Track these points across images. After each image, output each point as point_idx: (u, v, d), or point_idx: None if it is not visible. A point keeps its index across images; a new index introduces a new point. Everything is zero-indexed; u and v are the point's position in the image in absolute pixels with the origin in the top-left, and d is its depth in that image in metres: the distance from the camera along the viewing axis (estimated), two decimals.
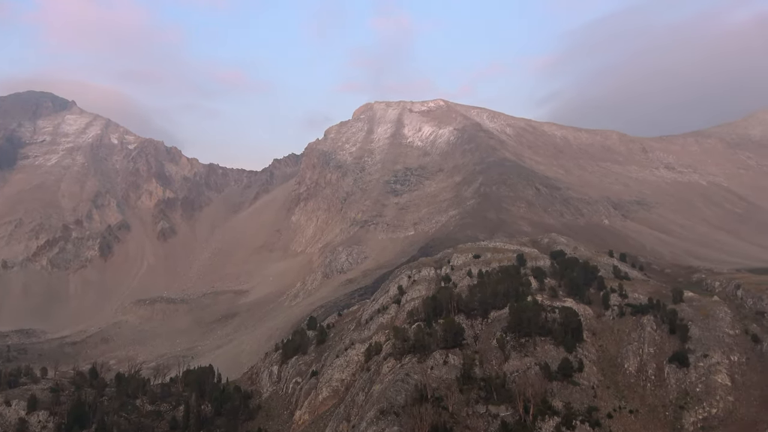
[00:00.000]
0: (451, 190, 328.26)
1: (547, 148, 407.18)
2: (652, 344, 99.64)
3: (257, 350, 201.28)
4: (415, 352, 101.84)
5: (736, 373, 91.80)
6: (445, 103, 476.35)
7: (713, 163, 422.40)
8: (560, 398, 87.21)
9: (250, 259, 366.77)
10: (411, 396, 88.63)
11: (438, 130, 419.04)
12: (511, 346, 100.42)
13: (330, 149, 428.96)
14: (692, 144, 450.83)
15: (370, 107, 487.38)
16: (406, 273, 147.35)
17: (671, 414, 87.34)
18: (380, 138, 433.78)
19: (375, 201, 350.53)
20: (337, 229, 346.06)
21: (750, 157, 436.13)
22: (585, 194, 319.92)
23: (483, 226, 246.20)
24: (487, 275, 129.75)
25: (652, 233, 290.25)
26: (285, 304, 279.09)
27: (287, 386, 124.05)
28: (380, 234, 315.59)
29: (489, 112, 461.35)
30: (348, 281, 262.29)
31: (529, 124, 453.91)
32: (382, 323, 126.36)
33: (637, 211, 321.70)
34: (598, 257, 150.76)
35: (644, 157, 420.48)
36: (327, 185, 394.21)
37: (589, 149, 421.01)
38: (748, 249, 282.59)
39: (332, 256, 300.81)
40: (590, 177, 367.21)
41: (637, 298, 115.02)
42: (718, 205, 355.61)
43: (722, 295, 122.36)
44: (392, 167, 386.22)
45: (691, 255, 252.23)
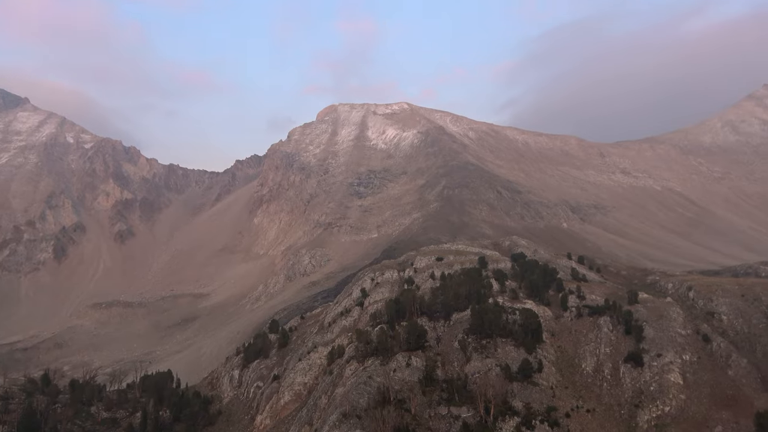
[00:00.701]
0: (415, 193, 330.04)
1: (508, 152, 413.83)
2: (608, 344, 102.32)
3: (218, 354, 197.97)
4: (378, 354, 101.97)
5: (687, 372, 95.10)
6: (409, 106, 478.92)
7: (666, 169, 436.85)
8: (520, 398, 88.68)
9: (211, 261, 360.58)
10: (374, 399, 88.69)
11: (402, 133, 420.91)
12: (473, 347, 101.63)
13: (293, 151, 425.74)
14: (647, 150, 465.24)
15: (334, 109, 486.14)
16: (370, 275, 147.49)
17: (626, 412, 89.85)
18: (344, 140, 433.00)
19: (339, 203, 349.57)
20: (300, 232, 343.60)
21: (701, 163, 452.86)
22: (545, 198, 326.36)
23: (446, 229, 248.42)
24: (450, 277, 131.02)
25: (608, 236, 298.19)
26: (246, 307, 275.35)
27: (248, 391, 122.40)
28: (344, 236, 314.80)
29: (452, 116, 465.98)
30: (311, 284, 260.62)
31: (491, 129, 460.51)
32: (345, 326, 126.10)
33: (594, 215, 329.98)
34: (558, 259, 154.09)
35: (601, 161, 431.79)
36: (290, 187, 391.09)
37: (548, 154, 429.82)
38: (699, 252, 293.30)
39: (295, 259, 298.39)
40: (550, 181, 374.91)
41: (595, 299, 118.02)
42: (671, 209, 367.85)
43: (675, 296, 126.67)
44: (356, 169, 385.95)
45: (645, 257, 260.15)
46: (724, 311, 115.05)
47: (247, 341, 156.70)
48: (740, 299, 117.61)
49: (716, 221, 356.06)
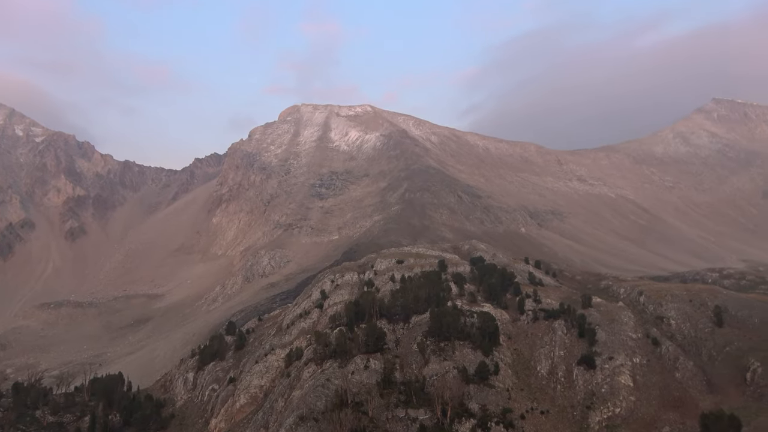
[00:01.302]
0: (377, 196, 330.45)
1: (469, 157, 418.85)
2: (562, 347, 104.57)
3: (172, 357, 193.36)
4: (337, 357, 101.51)
5: (637, 374, 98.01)
6: (373, 108, 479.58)
7: (621, 177, 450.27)
8: (477, 401, 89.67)
9: (167, 261, 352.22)
10: (331, 401, 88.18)
11: (365, 136, 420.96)
12: (431, 350, 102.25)
13: (254, 150, 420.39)
14: (602, 158, 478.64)
15: (297, 109, 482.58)
16: (329, 277, 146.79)
17: (579, 414, 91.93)
18: (306, 141, 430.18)
19: (300, 204, 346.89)
20: (259, 232, 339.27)
21: (653, 173, 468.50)
22: (504, 203, 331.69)
23: (406, 232, 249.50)
24: (410, 280, 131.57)
25: (564, 242, 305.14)
26: (203, 308, 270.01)
27: (203, 393, 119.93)
28: (304, 238, 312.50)
29: (415, 120, 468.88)
30: (270, 285, 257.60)
31: (453, 134, 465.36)
32: (304, 328, 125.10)
33: (551, 221, 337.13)
34: (515, 264, 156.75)
35: (559, 169, 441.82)
36: (250, 187, 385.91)
37: (508, 160, 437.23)
38: (650, 258, 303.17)
39: (254, 260, 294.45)
40: (509, 186, 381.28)
41: (550, 303, 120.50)
42: (624, 216, 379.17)
43: (626, 301, 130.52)
44: (318, 171, 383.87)
45: (599, 263, 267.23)
46: (672, 316, 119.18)
47: (202, 343, 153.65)
48: (688, 304, 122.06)
49: (667, 229, 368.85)
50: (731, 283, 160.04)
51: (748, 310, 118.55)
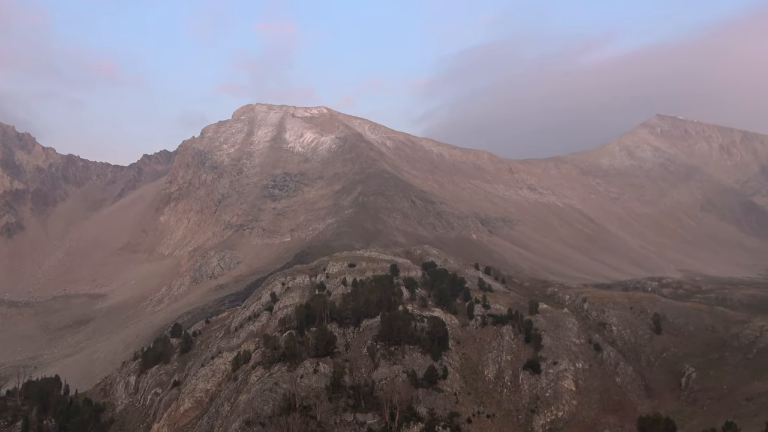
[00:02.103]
0: (330, 198, 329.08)
1: (423, 163, 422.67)
2: (509, 352, 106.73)
3: (113, 359, 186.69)
4: (286, 360, 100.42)
5: (580, 378, 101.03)
6: (329, 111, 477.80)
7: (569, 187, 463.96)
8: (425, 405, 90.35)
9: (110, 260, 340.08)
10: (279, 405, 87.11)
11: (320, 138, 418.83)
12: (381, 354, 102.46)
13: (206, 149, 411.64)
14: (552, 168, 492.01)
15: (252, 108, 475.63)
16: (280, 280, 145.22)
17: (523, 417, 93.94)
18: (260, 141, 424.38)
19: (251, 205, 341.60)
20: (209, 232, 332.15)
21: (599, 184, 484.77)
22: (456, 209, 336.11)
23: (359, 236, 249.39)
24: (362, 284, 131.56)
25: (514, 248, 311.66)
26: (147, 309, 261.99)
27: (145, 398, 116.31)
28: (255, 239, 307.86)
29: (371, 124, 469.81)
30: (218, 287, 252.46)
31: (408, 139, 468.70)
32: (253, 331, 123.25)
33: (502, 228, 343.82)
34: (466, 269, 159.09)
35: (510, 177, 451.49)
36: (201, 186, 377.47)
37: (462, 167, 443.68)
38: (595, 266, 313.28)
39: (203, 260, 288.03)
40: (462, 193, 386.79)
41: (499, 309, 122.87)
42: (571, 225, 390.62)
43: (571, 307, 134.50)
44: (271, 171, 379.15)
45: (546, 270, 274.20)
46: (614, 322, 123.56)
47: (146, 345, 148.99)
48: (629, 311, 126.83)
49: (610, 238, 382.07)
50: (669, 292, 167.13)
51: (685, 317, 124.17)
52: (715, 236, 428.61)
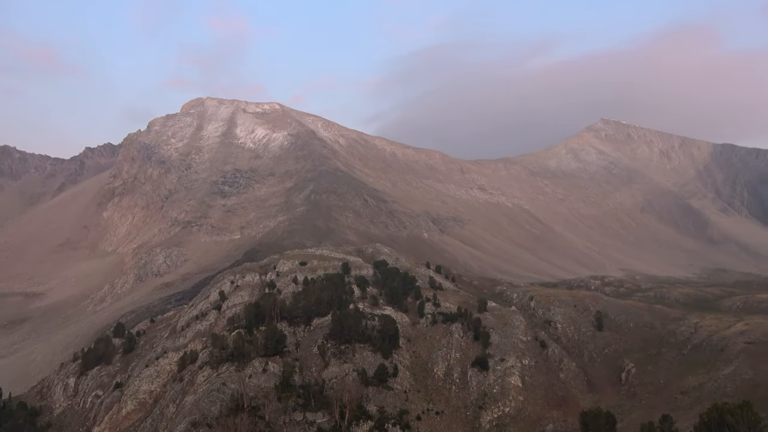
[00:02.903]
0: (282, 196, 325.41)
1: (376, 162, 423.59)
2: (458, 350, 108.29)
3: (51, 361, 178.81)
4: (234, 360, 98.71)
5: (526, 375, 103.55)
6: (281, 107, 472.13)
7: (518, 188, 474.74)
8: (375, 403, 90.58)
9: (49, 257, 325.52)
10: (226, 406, 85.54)
11: (272, 134, 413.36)
12: (332, 353, 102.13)
13: (153, 142, 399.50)
14: (502, 169, 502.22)
15: (201, 102, 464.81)
16: (229, 278, 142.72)
17: (471, 414, 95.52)
18: (210, 136, 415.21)
19: (200, 201, 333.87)
20: (155, 229, 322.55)
21: (547, 185, 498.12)
22: (408, 208, 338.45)
23: (311, 234, 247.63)
24: (313, 282, 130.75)
25: (464, 248, 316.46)
26: (89, 309, 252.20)
27: (85, 400, 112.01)
28: (204, 236, 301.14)
29: (324, 121, 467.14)
30: (164, 285, 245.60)
31: (361, 137, 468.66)
32: (200, 330, 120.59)
33: (453, 227, 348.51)
34: (417, 268, 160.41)
35: (462, 177, 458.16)
36: (147, 181, 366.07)
37: (414, 166, 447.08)
38: (542, 265, 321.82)
39: (148, 258, 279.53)
40: (414, 192, 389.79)
41: (449, 307, 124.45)
42: (519, 225, 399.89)
43: (519, 305, 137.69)
44: (221, 167, 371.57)
45: (495, 269, 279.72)
46: (559, 320, 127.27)
47: (87, 346, 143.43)
48: (573, 309, 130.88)
49: (557, 238, 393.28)
50: (611, 290, 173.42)
51: (625, 315, 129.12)
52: (654, 237, 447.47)
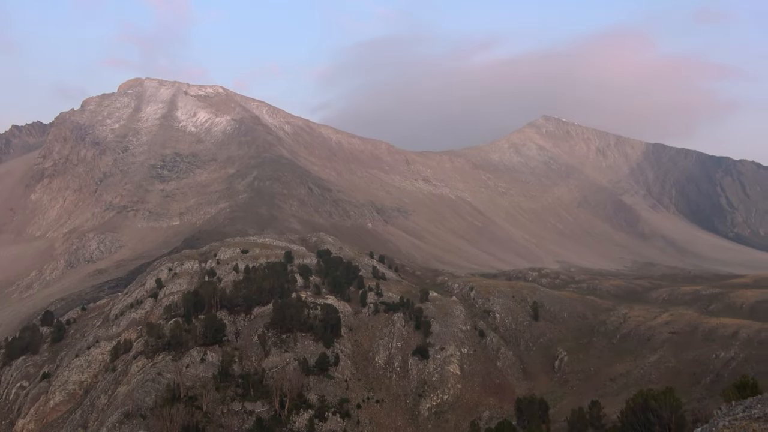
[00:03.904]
0: (224, 182, 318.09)
1: (322, 150, 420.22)
2: (400, 339, 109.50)
3: None
4: (171, 349, 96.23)
5: (465, 363, 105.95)
6: (225, 91, 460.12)
7: (461, 180, 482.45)
8: (315, 392, 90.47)
9: None
10: (162, 396, 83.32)
11: (215, 118, 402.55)
12: (273, 342, 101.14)
13: (87, 122, 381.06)
14: (446, 161, 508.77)
15: (140, 83, 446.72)
16: (167, 265, 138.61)
17: (411, 401, 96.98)
18: (149, 118, 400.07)
19: (137, 185, 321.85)
20: (88, 213, 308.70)
21: (489, 178, 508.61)
22: (353, 198, 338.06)
23: (254, 221, 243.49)
24: (254, 271, 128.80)
25: (407, 238, 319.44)
26: (14, 296, 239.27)
27: (9, 392, 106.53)
28: (140, 222, 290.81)
29: (269, 107, 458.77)
30: (97, 272, 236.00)
31: (307, 125, 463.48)
32: (135, 319, 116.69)
33: (396, 217, 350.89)
34: (360, 258, 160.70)
35: (407, 168, 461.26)
36: (80, 162, 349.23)
37: (360, 156, 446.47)
38: (482, 257, 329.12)
39: (80, 243, 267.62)
40: (359, 182, 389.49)
41: (391, 297, 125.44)
42: (462, 217, 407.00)
43: (459, 295, 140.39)
44: (160, 151, 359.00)
45: (438, 260, 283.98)
46: (497, 310, 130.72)
47: (11, 335, 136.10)
48: (511, 299, 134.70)
49: (497, 230, 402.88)
50: (547, 282, 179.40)
51: (560, 305, 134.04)
52: (589, 231, 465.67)
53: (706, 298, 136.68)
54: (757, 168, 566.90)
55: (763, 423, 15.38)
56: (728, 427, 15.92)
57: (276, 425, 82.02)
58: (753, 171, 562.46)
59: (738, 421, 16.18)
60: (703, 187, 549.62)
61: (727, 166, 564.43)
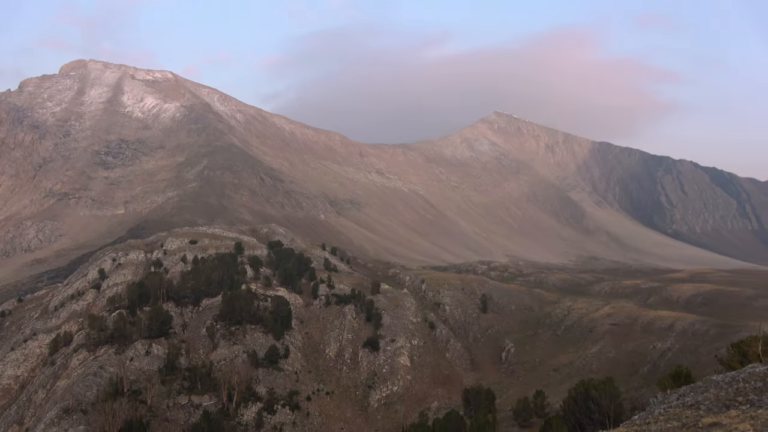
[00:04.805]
0: (172, 170, 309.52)
1: (275, 140, 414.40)
2: (351, 331, 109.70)
3: None
4: (114, 342, 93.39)
5: (414, 354, 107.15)
6: (174, 76, 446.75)
7: (414, 174, 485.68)
8: (264, 384, 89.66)
9: None
10: (104, 391, 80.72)
11: (163, 104, 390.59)
12: (221, 334, 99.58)
13: (26, 104, 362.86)
14: (400, 154, 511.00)
15: (84, 65, 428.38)
16: (111, 255, 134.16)
17: (361, 393, 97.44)
18: (93, 101, 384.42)
19: (80, 172, 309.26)
20: (26, 200, 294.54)
21: (442, 172, 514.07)
22: (306, 189, 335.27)
23: (203, 211, 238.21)
24: (203, 262, 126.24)
25: (360, 230, 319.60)
26: None
27: None
28: (82, 210, 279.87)
29: (220, 95, 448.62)
30: (35, 261, 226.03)
31: (260, 114, 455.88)
32: (76, 311, 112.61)
33: (349, 209, 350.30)
34: (312, 249, 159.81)
35: (360, 160, 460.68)
36: (17, 146, 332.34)
37: (313, 146, 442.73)
38: (434, 250, 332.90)
39: (16, 231, 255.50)
40: (312, 173, 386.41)
41: (343, 289, 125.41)
42: (414, 210, 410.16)
43: (410, 288, 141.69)
44: (105, 136, 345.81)
45: (390, 252, 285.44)
46: (447, 302, 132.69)
47: None
48: (461, 292, 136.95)
49: (449, 224, 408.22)
50: (496, 275, 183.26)
51: (508, 298, 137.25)
52: (537, 226, 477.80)
53: (645, 291, 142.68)
54: (695, 168, 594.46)
55: (694, 410, 16.20)
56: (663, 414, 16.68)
57: (224, 418, 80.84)
58: (691, 170, 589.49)
59: (672, 409, 16.98)
60: (645, 185, 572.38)
61: (668, 165, 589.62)
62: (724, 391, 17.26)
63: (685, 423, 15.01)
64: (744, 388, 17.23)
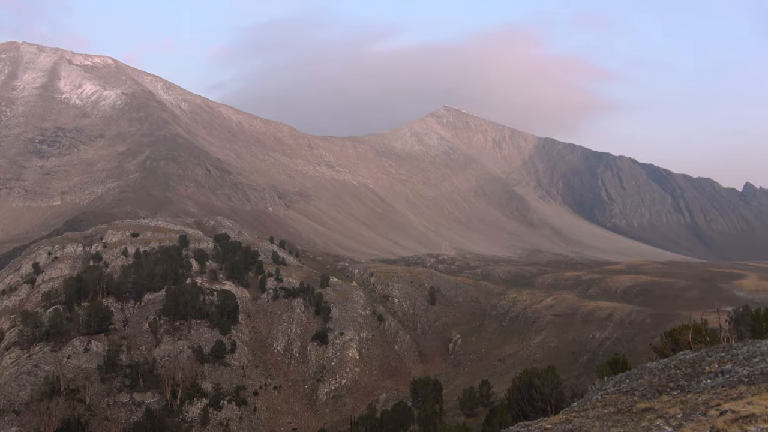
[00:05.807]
0: (112, 160, 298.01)
1: (221, 131, 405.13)
2: (299, 325, 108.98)
3: None
4: (50, 339, 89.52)
5: (363, 347, 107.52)
6: (115, 62, 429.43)
7: (364, 167, 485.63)
8: (210, 380, 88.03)
9: None
10: (39, 390, 77.40)
11: (103, 91, 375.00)
12: (165, 329, 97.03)
13: None
14: (349, 147, 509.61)
15: (16, 47, 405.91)
16: (46, 249, 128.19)
17: (309, 387, 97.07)
18: (27, 87, 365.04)
19: (12, 161, 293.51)
20: None
21: (391, 165, 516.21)
22: (254, 181, 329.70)
23: (146, 203, 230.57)
24: (146, 255, 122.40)
25: (309, 223, 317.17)
26: None
27: None
28: (15, 201, 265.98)
29: (164, 83, 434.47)
30: None
31: (206, 103, 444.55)
32: (8, 307, 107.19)
33: (298, 202, 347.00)
34: (260, 242, 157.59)
35: (310, 153, 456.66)
36: None
37: (261, 138, 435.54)
38: (383, 243, 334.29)
39: None
40: (260, 165, 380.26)
41: (291, 282, 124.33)
42: (364, 203, 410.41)
43: (360, 281, 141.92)
44: (39, 124, 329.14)
45: (339, 245, 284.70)
46: (396, 295, 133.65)
47: None
48: (409, 285, 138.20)
49: (398, 217, 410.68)
50: (444, 268, 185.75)
51: (455, 290, 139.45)
52: (483, 219, 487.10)
53: (585, 283, 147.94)
54: (633, 164, 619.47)
55: (630, 396, 16.93)
56: (600, 400, 17.36)
57: (167, 416, 78.92)
58: (629, 166, 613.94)
59: (609, 395, 17.69)
60: (586, 180, 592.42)
61: (608, 161, 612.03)
62: (657, 378, 18.15)
63: (621, 408, 15.69)
64: (675, 374, 18.17)
